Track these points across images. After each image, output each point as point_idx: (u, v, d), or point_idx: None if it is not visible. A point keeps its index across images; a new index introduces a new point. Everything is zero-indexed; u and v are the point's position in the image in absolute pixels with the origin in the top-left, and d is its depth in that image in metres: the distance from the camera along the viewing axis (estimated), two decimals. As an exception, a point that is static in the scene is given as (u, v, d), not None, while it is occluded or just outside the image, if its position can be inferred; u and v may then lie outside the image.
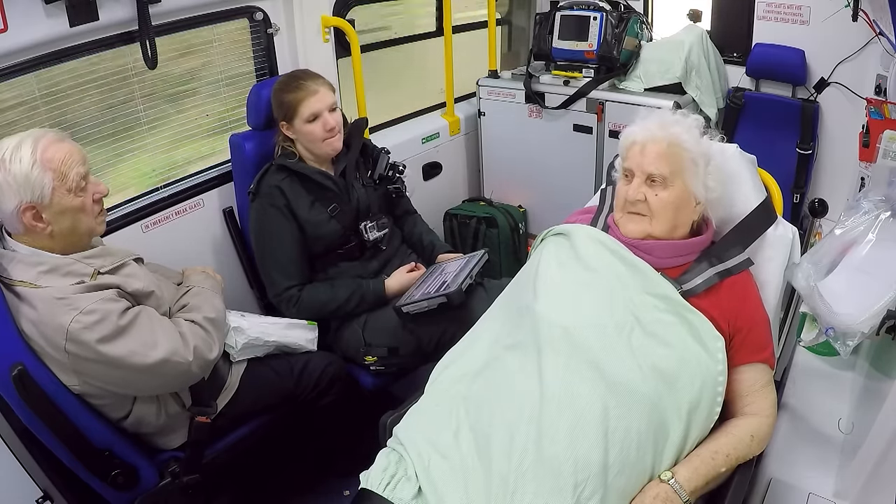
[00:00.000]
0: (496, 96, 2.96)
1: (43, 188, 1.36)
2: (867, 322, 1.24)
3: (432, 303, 1.82)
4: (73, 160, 1.40)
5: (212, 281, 1.77)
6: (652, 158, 1.35)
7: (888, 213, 1.40)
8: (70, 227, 1.43)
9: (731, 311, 1.30)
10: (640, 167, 1.36)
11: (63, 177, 1.38)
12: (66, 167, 1.39)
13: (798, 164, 2.70)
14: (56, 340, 1.34)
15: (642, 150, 1.36)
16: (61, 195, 1.39)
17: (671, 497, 1.13)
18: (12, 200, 1.35)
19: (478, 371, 1.31)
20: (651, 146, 1.36)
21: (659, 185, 1.35)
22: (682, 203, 1.36)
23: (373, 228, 2.04)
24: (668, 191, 1.35)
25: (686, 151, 1.35)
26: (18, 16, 1.58)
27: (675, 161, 1.34)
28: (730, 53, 2.84)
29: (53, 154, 1.38)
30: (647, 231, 1.36)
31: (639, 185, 1.36)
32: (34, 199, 1.36)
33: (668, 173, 1.34)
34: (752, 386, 1.29)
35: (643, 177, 1.36)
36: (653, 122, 1.40)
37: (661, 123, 1.39)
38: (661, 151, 1.35)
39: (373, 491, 1.19)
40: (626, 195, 1.38)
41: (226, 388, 1.70)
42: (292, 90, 1.90)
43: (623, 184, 1.41)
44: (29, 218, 1.38)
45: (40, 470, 1.50)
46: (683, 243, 1.37)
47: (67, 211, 1.41)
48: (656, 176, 1.34)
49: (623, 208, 1.40)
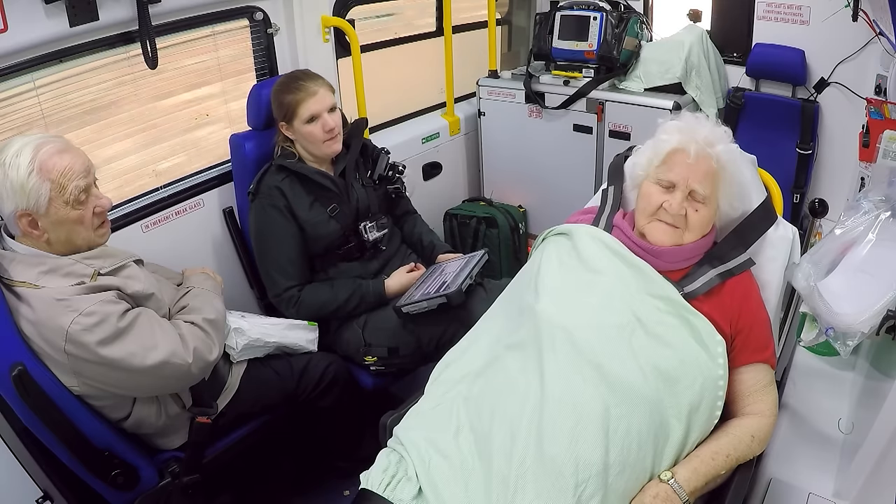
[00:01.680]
0: (496, 96, 2.96)
1: (39, 198, 1.34)
2: (867, 322, 1.24)
3: (432, 303, 1.82)
4: (73, 172, 1.38)
5: (212, 282, 1.77)
6: (701, 176, 1.31)
7: (888, 213, 1.40)
8: (66, 237, 1.42)
9: (732, 311, 1.30)
10: (685, 181, 1.32)
11: (61, 188, 1.37)
12: (65, 179, 1.37)
13: (798, 164, 2.70)
14: (56, 342, 1.34)
15: (692, 164, 1.32)
16: (58, 206, 1.37)
17: (671, 497, 1.13)
18: (9, 204, 1.35)
19: (478, 371, 1.31)
20: (702, 163, 1.32)
21: (699, 202, 1.33)
22: (712, 219, 1.36)
23: (372, 229, 2.04)
24: (707, 208, 1.34)
25: (730, 175, 1.35)
26: (18, 16, 1.57)
27: (718, 181, 1.33)
28: (730, 53, 2.84)
29: (54, 164, 1.36)
30: (678, 242, 1.35)
31: (682, 199, 1.32)
32: (29, 208, 1.35)
33: (710, 193, 1.32)
34: (754, 386, 1.29)
35: (686, 191, 1.32)
36: (701, 134, 1.34)
37: (708, 139, 1.34)
38: (710, 171, 1.32)
39: (373, 491, 1.19)
40: (666, 206, 1.32)
41: (226, 388, 1.70)
42: (292, 91, 1.90)
43: (658, 192, 1.35)
44: (25, 224, 1.37)
45: (40, 470, 1.50)
46: (689, 247, 1.36)
47: (64, 222, 1.40)
48: (700, 195, 1.32)
49: (654, 214, 1.35)
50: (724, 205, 1.37)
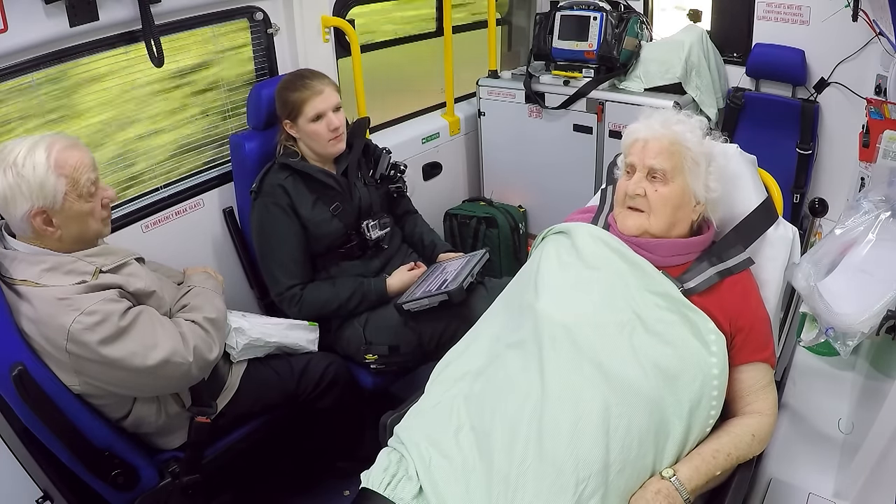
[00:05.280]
0: (496, 96, 2.96)
1: (56, 194, 1.36)
2: (867, 322, 1.24)
3: (433, 300, 1.82)
4: (84, 166, 1.41)
5: (213, 281, 1.77)
6: (654, 153, 1.36)
7: (888, 213, 1.40)
8: (78, 231, 1.44)
9: (732, 310, 1.30)
10: (641, 161, 1.37)
11: (75, 182, 1.39)
12: (78, 173, 1.39)
13: (798, 164, 2.70)
14: (57, 341, 1.34)
15: (645, 145, 1.38)
16: (72, 200, 1.39)
17: (672, 494, 1.13)
18: (24, 205, 1.35)
19: (479, 370, 1.31)
20: (653, 142, 1.37)
21: (659, 181, 1.35)
22: (681, 201, 1.36)
23: (375, 227, 2.04)
24: (669, 187, 1.35)
25: (688, 150, 1.36)
26: (18, 16, 1.57)
27: (677, 158, 1.35)
28: (730, 53, 2.84)
29: (66, 160, 1.38)
30: (644, 227, 1.37)
31: (639, 180, 1.37)
32: (46, 205, 1.36)
33: (668, 168, 1.35)
34: (754, 385, 1.29)
35: (644, 171, 1.37)
36: (656, 119, 1.41)
37: (664, 121, 1.40)
38: (664, 147, 1.36)
39: (374, 490, 1.19)
40: (627, 189, 1.39)
41: (226, 388, 1.70)
42: (298, 89, 1.90)
43: (624, 179, 1.42)
44: (39, 222, 1.38)
45: (40, 470, 1.50)
46: (684, 242, 1.37)
47: (78, 216, 1.41)
48: (657, 171, 1.35)
49: (622, 203, 1.41)
50: (696, 186, 1.37)
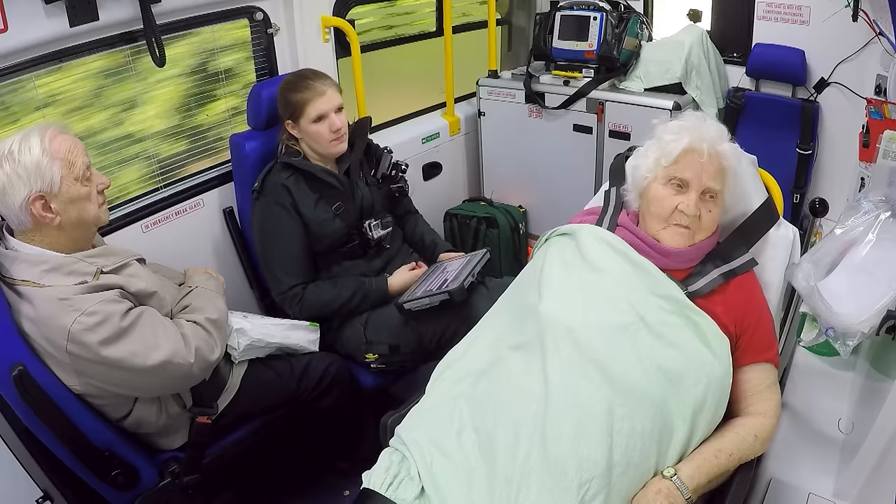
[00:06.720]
0: (496, 96, 2.96)
1: (52, 176, 1.37)
2: (867, 322, 1.24)
3: (434, 300, 1.82)
4: (78, 150, 1.43)
5: (214, 282, 1.77)
6: (713, 173, 1.32)
7: (888, 213, 1.40)
8: (77, 216, 1.44)
9: (736, 311, 1.30)
10: (699, 179, 1.31)
11: (71, 165, 1.41)
12: (72, 156, 1.41)
13: (798, 164, 2.70)
14: (57, 341, 1.34)
15: (705, 162, 1.31)
16: (69, 184, 1.41)
17: (673, 493, 1.13)
18: (21, 191, 1.36)
19: (481, 371, 1.31)
20: (714, 160, 1.32)
21: (711, 201, 1.33)
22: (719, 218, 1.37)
23: (377, 227, 2.04)
24: (718, 207, 1.35)
25: (734, 174, 1.36)
26: (18, 16, 1.57)
27: (726, 178, 1.34)
28: (730, 53, 2.84)
29: (60, 144, 1.40)
30: (691, 243, 1.35)
31: (696, 200, 1.31)
32: (44, 188, 1.37)
33: (721, 189, 1.33)
34: (758, 386, 1.29)
35: (700, 190, 1.32)
36: (709, 133, 1.34)
37: (716, 138, 1.34)
38: (721, 168, 1.33)
39: (375, 491, 1.19)
40: (682, 208, 1.31)
41: (227, 388, 1.70)
42: (300, 90, 1.90)
43: (670, 194, 1.34)
44: (38, 208, 1.38)
45: (40, 470, 1.50)
46: (696, 247, 1.35)
47: (75, 200, 1.42)
48: (715, 192, 1.32)
49: (667, 219, 1.34)
50: (729, 203, 1.38)
